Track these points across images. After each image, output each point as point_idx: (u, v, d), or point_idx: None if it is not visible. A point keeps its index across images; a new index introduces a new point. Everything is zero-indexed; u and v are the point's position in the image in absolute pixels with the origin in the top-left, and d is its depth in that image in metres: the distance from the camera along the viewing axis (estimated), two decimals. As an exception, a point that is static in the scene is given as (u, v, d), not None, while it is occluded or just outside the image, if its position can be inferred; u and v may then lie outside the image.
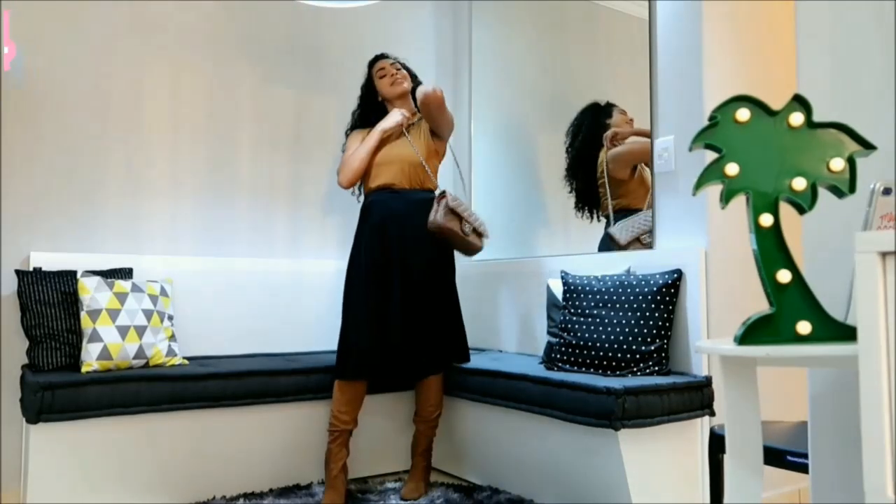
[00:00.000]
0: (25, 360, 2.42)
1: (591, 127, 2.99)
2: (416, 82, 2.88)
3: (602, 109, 2.96)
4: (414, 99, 2.82)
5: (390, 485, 2.75)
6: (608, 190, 2.85)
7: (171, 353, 2.55)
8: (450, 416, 2.87)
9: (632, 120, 2.81)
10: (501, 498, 2.55)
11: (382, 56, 2.89)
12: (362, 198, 2.80)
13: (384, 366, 2.56)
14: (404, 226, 2.62)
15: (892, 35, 1.35)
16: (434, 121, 2.69)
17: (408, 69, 2.88)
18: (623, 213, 2.79)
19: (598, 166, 2.91)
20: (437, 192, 2.66)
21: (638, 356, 2.32)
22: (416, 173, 2.69)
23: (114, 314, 2.42)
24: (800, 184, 1.33)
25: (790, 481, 2.55)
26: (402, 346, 2.55)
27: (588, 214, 2.97)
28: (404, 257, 2.60)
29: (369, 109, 2.86)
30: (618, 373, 2.33)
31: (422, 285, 2.60)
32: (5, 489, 2.46)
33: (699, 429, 2.32)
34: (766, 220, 1.34)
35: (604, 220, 2.88)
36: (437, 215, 2.60)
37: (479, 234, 2.69)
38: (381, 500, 2.54)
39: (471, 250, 2.68)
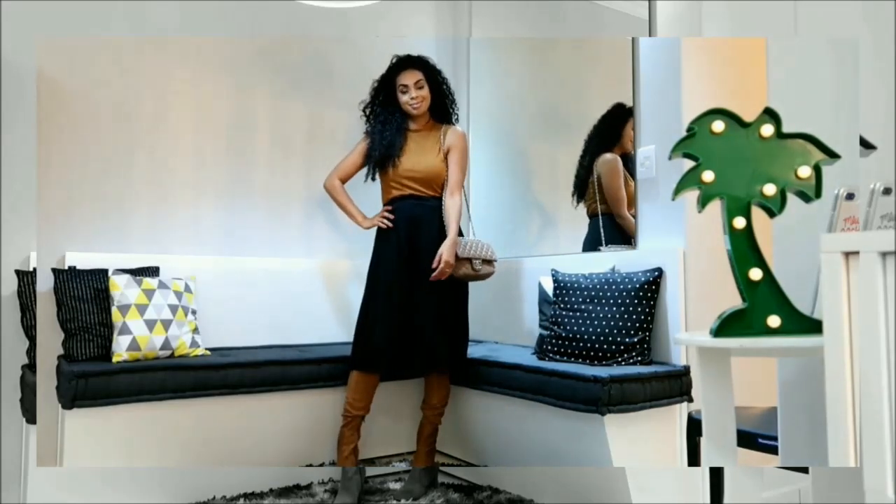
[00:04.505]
0: (25, 361, 2.45)
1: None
2: (442, 95, 2.67)
3: (625, 112, 2.67)
4: (432, 113, 2.66)
5: (398, 465, 2.74)
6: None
7: (194, 344, 2.55)
8: (452, 402, 2.86)
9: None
10: (501, 498, 2.49)
11: (408, 63, 2.62)
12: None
13: (398, 359, 2.53)
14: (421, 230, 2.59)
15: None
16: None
17: (433, 79, 2.64)
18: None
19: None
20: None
21: (622, 347, 2.32)
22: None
23: (142, 309, 2.42)
24: (770, 189, 1.34)
25: (790, 481, 2.44)
26: (416, 341, 2.52)
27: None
28: (422, 259, 2.55)
29: (381, 101, 2.67)
30: (604, 362, 2.33)
31: (434, 286, 2.54)
32: (5, 489, 2.45)
33: (678, 414, 2.32)
34: (739, 222, 1.34)
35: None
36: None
37: (489, 261, 2.61)
38: (383, 498, 2.50)
39: (485, 278, 2.64)
